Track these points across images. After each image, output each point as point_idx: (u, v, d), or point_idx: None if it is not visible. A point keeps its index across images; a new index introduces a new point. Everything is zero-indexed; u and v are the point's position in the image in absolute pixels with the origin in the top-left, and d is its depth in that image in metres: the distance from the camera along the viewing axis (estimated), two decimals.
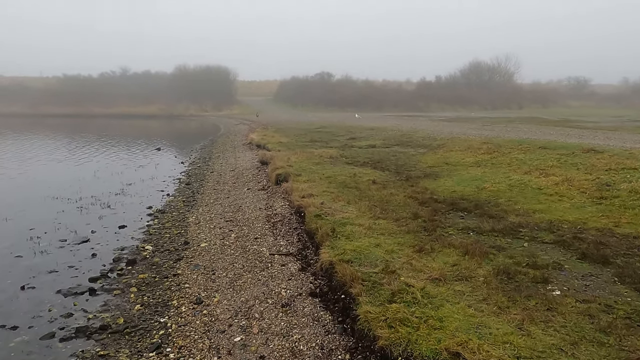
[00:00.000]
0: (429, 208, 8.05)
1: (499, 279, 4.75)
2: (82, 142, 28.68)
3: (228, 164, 17.53)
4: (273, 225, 8.27)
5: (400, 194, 9.20)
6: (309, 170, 12.25)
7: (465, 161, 13.59)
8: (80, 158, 20.81)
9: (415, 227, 6.76)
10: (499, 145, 15.97)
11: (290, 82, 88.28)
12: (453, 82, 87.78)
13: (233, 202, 10.79)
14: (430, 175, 11.72)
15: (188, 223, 9.31)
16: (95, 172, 16.40)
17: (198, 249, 7.51)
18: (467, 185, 9.98)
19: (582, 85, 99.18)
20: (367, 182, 10.50)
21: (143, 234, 8.83)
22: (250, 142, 23.94)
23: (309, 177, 11.00)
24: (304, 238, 7.25)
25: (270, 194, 11.02)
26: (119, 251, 7.81)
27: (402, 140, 21.07)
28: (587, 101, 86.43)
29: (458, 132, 22.99)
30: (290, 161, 13.82)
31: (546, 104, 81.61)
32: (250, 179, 13.52)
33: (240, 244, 7.48)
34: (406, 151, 17.30)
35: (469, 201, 8.53)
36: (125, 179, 14.91)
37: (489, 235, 6.47)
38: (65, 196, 12.19)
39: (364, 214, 7.53)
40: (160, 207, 11.00)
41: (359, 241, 5.91)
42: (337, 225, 6.69)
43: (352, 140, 21.70)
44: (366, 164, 13.81)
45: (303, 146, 19.38)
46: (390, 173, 12.20)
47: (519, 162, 12.42)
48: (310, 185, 10.02)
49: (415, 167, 13.32)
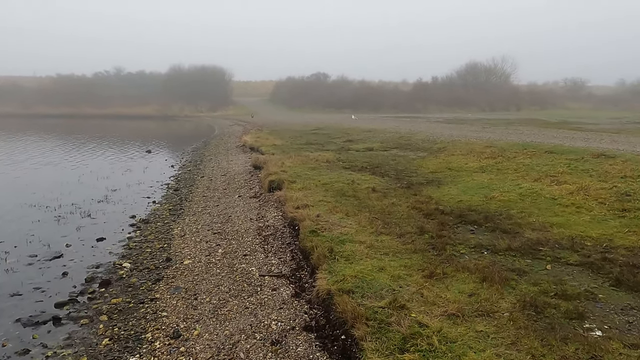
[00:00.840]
0: (435, 221, 7.35)
1: (526, 314, 4.04)
2: (72, 144, 27.82)
3: (220, 168, 16.78)
4: (264, 239, 7.53)
5: (402, 204, 8.49)
6: (304, 176, 11.52)
7: (468, 166, 12.89)
8: (67, 161, 19.99)
9: (423, 245, 6.05)
10: (502, 149, 15.29)
11: (286, 83, 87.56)
12: (450, 83, 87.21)
13: (223, 211, 10.05)
14: (432, 181, 11.02)
15: (172, 235, 8.56)
16: (80, 177, 15.60)
17: (181, 267, 6.77)
18: (474, 194, 9.28)
19: (579, 87, 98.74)
20: (367, 190, 9.78)
21: (122, 248, 8.07)
22: (243, 144, 23.19)
23: (304, 184, 10.27)
24: (298, 256, 6.51)
25: (262, 202, 10.28)
26: (93, 269, 7.05)
27: (401, 143, 20.37)
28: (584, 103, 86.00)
29: (458, 135, 22.31)
30: (284, 166, 13.09)
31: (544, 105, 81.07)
32: (242, 185, 12.78)
33: (228, 262, 6.74)
34: (405, 155, 16.61)
35: (478, 212, 7.83)
36: (110, 184, 14.13)
37: (506, 254, 5.77)
38: (44, 203, 11.41)
39: (365, 228, 6.81)
40: (144, 216, 10.23)
41: (361, 264, 5.19)
42: (335, 243, 5.96)
43: (349, 143, 20.99)
44: (364, 169, 13.10)
45: (298, 149, 18.66)
46: (390, 179, 11.50)
47: (526, 167, 11.74)
48: (306, 194, 9.29)
49: (416, 172, 12.62)
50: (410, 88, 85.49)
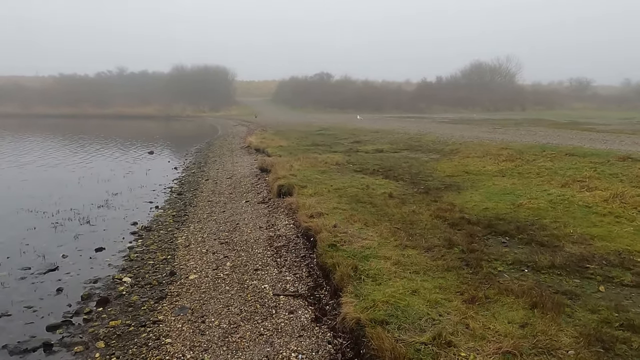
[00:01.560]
0: (463, 232, 6.74)
1: (594, 353, 3.44)
2: (72, 145, 27.31)
3: (225, 170, 16.20)
4: (276, 251, 6.94)
5: (424, 211, 7.89)
6: (315, 180, 10.92)
7: (487, 170, 12.27)
8: (66, 162, 19.44)
9: (454, 261, 5.45)
10: (520, 151, 14.67)
11: (289, 83, 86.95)
12: (454, 82, 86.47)
13: (229, 217, 9.46)
14: (451, 186, 10.40)
15: (176, 245, 7.98)
16: (80, 179, 15.04)
17: (186, 283, 6.18)
18: (499, 200, 8.66)
19: (584, 87, 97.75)
20: (383, 196, 9.18)
21: (123, 259, 7.48)
22: (248, 145, 22.60)
23: (316, 190, 9.67)
24: (316, 272, 5.92)
25: (271, 208, 9.69)
26: (90, 284, 6.47)
27: (411, 144, 19.77)
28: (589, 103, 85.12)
29: (469, 136, 21.69)
30: (293, 169, 12.49)
31: (549, 105, 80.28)
32: (248, 189, 12.19)
33: (237, 277, 6.15)
34: (417, 157, 16.00)
35: (508, 222, 7.22)
36: (111, 188, 13.55)
37: (550, 273, 5.16)
38: (41, 209, 10.84)
39: (387, 240, 6.21)
40: (146, 224, 9.65)
41: (391, 286, 4.59)
42: (358, 259, 5.36)
43: (357, 144, 20.39)
44: (377, 172, 12.49)
45: (305, 151, 18.07)
46: (405, 184, 10.89)
47: (549, 171, 11.12)
48: (319, 200, 8.70)
49: (432, 176, 12.01)
50: (414, 88, 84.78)
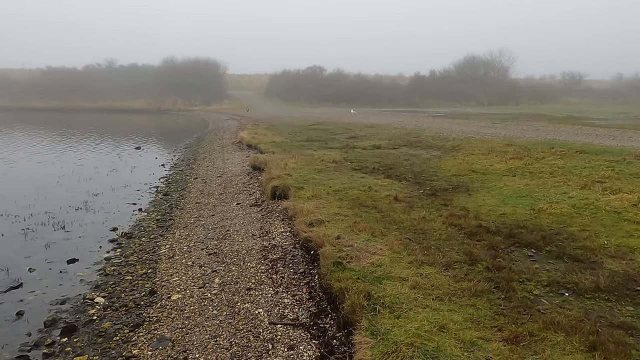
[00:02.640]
0: (483, 243, 5.96)
1: None
2: (56, 139, 26.17)
3: (215, 168, 15.31)
4: (271, 265, 6.11)
5: (435, 217, 7.10)
6: (312, 180, 10.09)
7: (494, 168, 11.52)
8: (48, 158, 18.40)
9: (481, 282, 4.66)
10: (526, 148, 13.94)
11: (282, 76, 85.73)
12: (448, 76, 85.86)
13: (219, 222, 8.61)
14: (459, 187, 9.63)
15: (159, 256, 7.13)
16: (60, 178, 14.07)
17: (167, 305, 5.35)
18: (515, 204, 7.89)
19: (576, 81, 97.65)
20: (388, 199, 8.37)
21: (97, 273, 6.62)
22: (240, 141, 21.67)
23: (314, 192, 8.84)
24: (318, 294, 5.10)
25: (265, 212, 8.85)
26: (57, 306, 5.61)
27: (410, 140, 18.98)
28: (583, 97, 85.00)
29: (469, 131, 20.96)
30: (287, 168, 11.65)
31: (543, 99, 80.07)
32: (240, 190, 11.33)
33: (227, 298, 5.32)
34: (418, 154, 15.21)
35: (531, 230, 6.45)
36: (92, 188, 12.62)
37: (595, 298, 4.39)
38: (13, 212, 9.92)
39: (400, 255, 5.41)
40: (127, 229, 8.77)
41: (413, 319, 3.79)
42: (369, 281, 4.56)
43: (354, 140, 19.56)
44: (377, 171, 11.69)
45: (299, 147, 17.22)
46: (409, 184, 10.10)
47: (562, 170, 10.38)
48: (317, 205, 7.87)
49: (437, 175, 11.23)
50: (408, 82, 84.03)
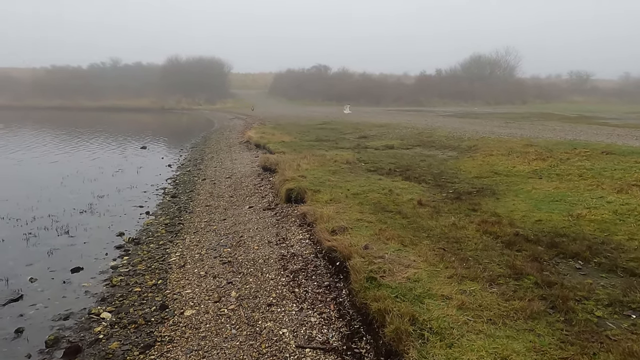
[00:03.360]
0: (524, 254, 5.45)
1: None
2: (60, 138, 25.77)
3: (223, 169, 14.83)
4: (293, 277, 5.61)
5: (466, 224, 6.58)
6: (328, 182, 9.59)
7: (518, 170, 10.99)
8: (51, 158, 17.98)
9: (535, 302, 4.15)
10: (548, 148, 13.39)
11: (286, 75, 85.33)
12: (454, 75, 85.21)
13: (231, 227, 8.12)
14: (484, 190, 9.10)
15: (169, 265, 6.65)
16: (64, 179, 13.62)
17: (181, 322, 4.86)
18: (550, 209, 7.37)
19: (583, 80, 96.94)
20: (411, 204, 7.86)
21: (103, 284, 6.15)
22: (247, 140, 21.19)
23: (332, 195, 8.34)
24: (348, 311, 4.60)
25: (280, 216, 8.35)
26: (59, 322, 5.13)
27: (422, 139, 18.45)
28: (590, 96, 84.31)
29: (483, 131, 20.40)
30: (300, 169, 11.15)
31: (549, 99, 79.41)
32: (251, 192, 10.84)
33: (246, 315, 4.83)
34: (433, 154, 14.69)
35: (573, 239, 5.93)
36: (97, 189, 12.17)
37: None
38: (15, 215, 9.47)
39: (437, 268, 4.91)
40: (134, 234, 8.30)
41: (468, 348, 3.29)
42: (410, 300, 4.05)
43: (364, 140, 19.04)
44: (394, 173, 11.18)
45: (309, 147, 16.71)
46: (430, 187, 9.58)
47: (592, 173, 9.84)
48: (337, 209, 7.38)
49: (458, 177, 10.72)
50: (413, 81, 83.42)
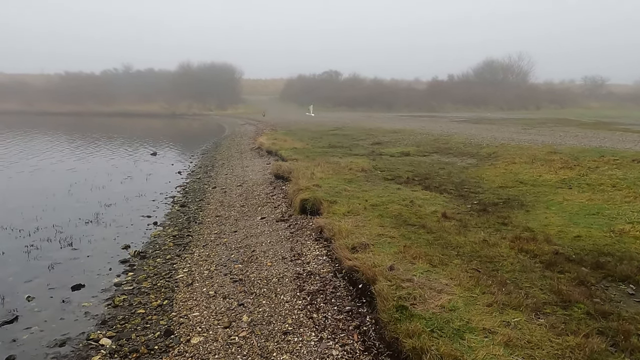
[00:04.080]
0: (568, 276, 4.89)
1: None
2: (71, 144, 25.61)
3: (234, 176, 14.40)
4: (310, 300, 5.11)
5: (498, 241, 6.03)
6: (344, 192, 9.08)
7: (544, 180, 10.39)
8: (60, 164, 17.71)
9: (591, 337, 3.60)
10: (573, 156, 12.77)
11: (297, 81, 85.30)
12: (466, 81, 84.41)
13: (242, 241, 7.65)
14: (511, 201, 8.53)
15: (176, 282, 6.18)
16: (72, 186, 13.27)
17: (187, 352, 4.38)
18: (588, 224, 6.79)
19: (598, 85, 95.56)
20: (435, 216, 7.33)
21: (105, 304, 5.69)
22: (259, 146, 20.80)
23: (350, 206, 7.84)
24: (375, 343, 4.08)
25: (294, 229, 7.86)
26: (55, 349, 4.68)
27: (439, 146, 17.89)
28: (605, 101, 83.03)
29: (501, 137, 19.78)
30: (314, 177, 10.66)
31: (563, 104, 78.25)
32: (263, 201, 10.38)
33: (259, 345, 4.34)
34: (452, 161, 14.13)
35: (619, 259, 5.36)
36: (105, 197, 11.80)
37: None
38: (18, 225, 9.10)
39: (473, 293, 4.38)
40: (140, 247, 7.87)
41: None
42: (448, 335, 3.53)
43: (379, 147, 18.53)
44: (412, 182, 10.65)
45: (322, 153, 16.24)
46: (452, 197, 9.04)
47: (626, 182, 9.22)
48: (356, 222, 6.87)
49: (481, 186, 10.15)
50: (425, 86, 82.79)
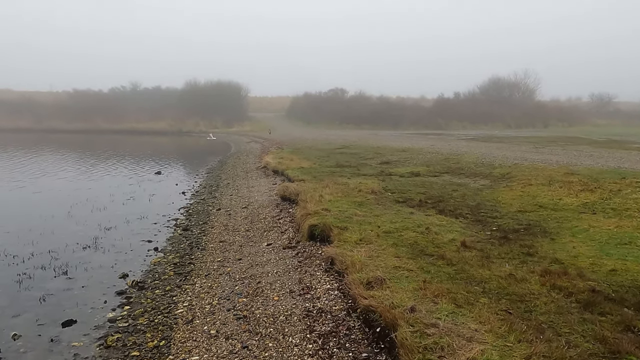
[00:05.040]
0: (609, 319, 4.37)
1: None
2: (77, 162, 25.37)
3: (239, 197, 13.98)
4: (322, 344, 4.61)
5: (526, 275, 5.52)
6: (355, 217, 8.60)
7: (565, 203, 9.87)
8: (62, 184, 17.38)
9: None
10: (592, 178, 12.24)
11: (303, 98, 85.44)
12: (472, 98, 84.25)
13: (247, 270, 7.17)
14: (532, 228, 8.01)
15: (175, 318, 5.69)
16: (72, 208, 12.88)
17: None
18: (621, 255, 6.26)
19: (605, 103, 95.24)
20: (454, 245, 6.83)
21: (96, 344, 5.21)
22: (265, 165, 20.40)
23: (361, 234, 7.36)
24: None
25: (302, 258, 7.38)
26: None
27: (450, 166, 17.40)
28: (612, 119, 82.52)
29: (514, 157, 19.27)
30: (323, 200, 10.20)
31: (571, 122, 77.76)
32: (269, 225, 9.91)
33: None
34: (464, 182, 13.64)
35: None
36: (105, 220, 11.40)
37: None
38: (13, 251, 8.68)
39: (507, 341, 3.86)
40: (139, 276, 7.40)
41: None
42: None
43: (388, 166, 18.08)
44: (425, 205, 10.16)
45: (330, 173, 15.80)
46: (469, 222, 8.54)
47: None
48: (370, 252, 6.39)
49: (498, 210, 9.64)
50: (431, 104, 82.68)
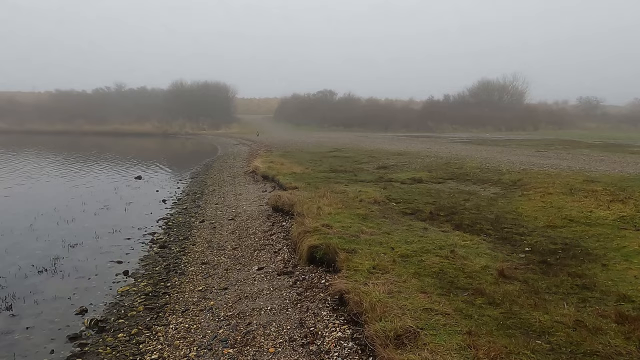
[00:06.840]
0: None
1: None
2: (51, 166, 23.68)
3: (226, 207, 12.58)
4: None
5: (596, 320, 4.26)
6: (362, 235, 7.28)
7: (598, 217, 8.67)
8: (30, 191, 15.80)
9: None
10: (616, 186, 11.12)
11: (292, 100, 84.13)
12: (462, 101, 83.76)
13: (235, 305, 5.81)
14: (571, 248, 6.78)
15: None
16: (36, 219, 11.37)
17: None
18: None
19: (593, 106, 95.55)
20: (489, 275, 5.55)
21: None
22: (253, 170, 18.98)
23: (374, 258, 6.04)
24: None
25: (302, 288, 6.03)
26: None
27: (453, 171, 16.20)
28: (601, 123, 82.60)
29: (519, 162, 18.15)
30: (322, 212, 8.85)
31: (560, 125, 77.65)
32: (260, 243, 8.55)
33: None
34: (473, 190, 12.42)
35: None
36: (71, 234, 9.93)
37: None
38: None
39: None
40: (100, 311, 5.99)
41: None
42: None
43: (386, 171, 16.81)
44: (437, 218, 8.89)
45: (325, 179, 14.47)
46: (493, 240, 7.28)
47: None
48: (388, 284, 5.07)
49: (521, 224, 8.41)
50: (421, 106, 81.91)
